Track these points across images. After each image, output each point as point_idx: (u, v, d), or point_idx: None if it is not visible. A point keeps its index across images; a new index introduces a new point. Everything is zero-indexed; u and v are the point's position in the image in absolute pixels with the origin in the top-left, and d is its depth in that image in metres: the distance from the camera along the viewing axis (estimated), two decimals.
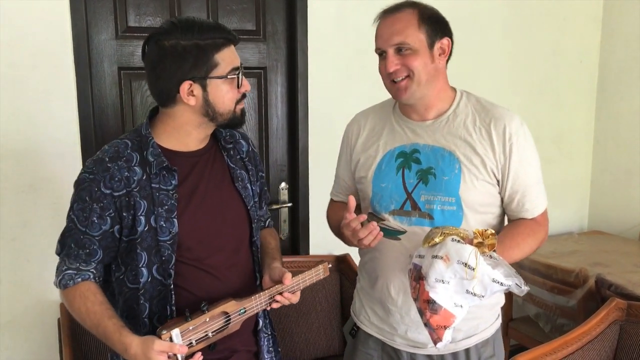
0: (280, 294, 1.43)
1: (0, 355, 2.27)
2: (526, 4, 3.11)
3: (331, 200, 1.84)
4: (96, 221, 1.35)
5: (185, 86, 1.34)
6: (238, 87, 1.39)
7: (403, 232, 1.52)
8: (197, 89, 1.35)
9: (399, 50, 1.46)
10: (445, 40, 1.49)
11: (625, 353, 2.15)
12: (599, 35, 3.40)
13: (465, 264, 1.28)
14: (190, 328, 1.30)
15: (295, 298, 1.46)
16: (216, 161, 1.50)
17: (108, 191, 1.34)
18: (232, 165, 1.52)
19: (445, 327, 1.32)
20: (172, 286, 1.39)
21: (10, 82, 2.13)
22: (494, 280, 1.28)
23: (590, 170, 3.54)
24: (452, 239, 1.32)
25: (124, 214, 1.35)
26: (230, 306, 1.36)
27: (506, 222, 1.62)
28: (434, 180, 1.50)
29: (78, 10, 2.20)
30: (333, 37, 2.67)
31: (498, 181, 1.51)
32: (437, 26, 1.48)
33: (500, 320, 1.66)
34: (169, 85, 1.35)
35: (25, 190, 2.21)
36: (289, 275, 1.43)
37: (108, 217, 1.35)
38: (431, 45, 1.47)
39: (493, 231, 1.33)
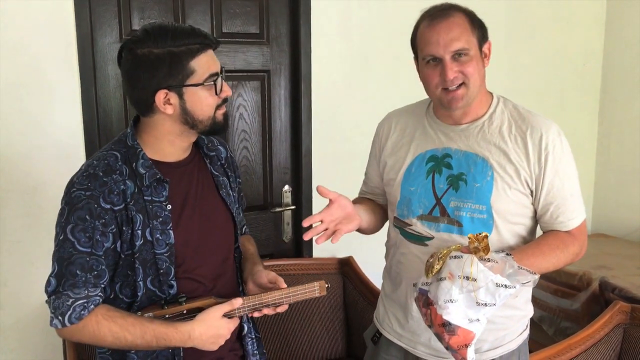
0: (268, 305, 1.40)
1: (5, 357, 2.28)
2: (529, 7, 3.11)
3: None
4: (99, 239, 1.30)
5: (160, 95, 1.30)
6: (217, 93, 1.34)
7: (430, 238, 1.49)
8: (173, 98, 1.31)
9: (456, 56, 1.40)
10: (488, 44, 1.47)
11: (629, 356, 2.14)
12: (602, 38, 3.40)
13: (467, 276, 1.26)
14: (166, 316, 1.31)
15: (282, 307, 1.43)
16: (201, 170, 1.48)
17: (108, 206, 1.29)
18: (215, 172, 1.50)
19: (466, 346, 1.28)
20: (170, 297, 1.38)
21: (15, 85, 2.14)
22: (498, 285, 1.25)
23: (593, 173, 3.54)
24: (451, 256, 1.31)
25: (124, 229, 1.32)
26: (209, 303, 1.35)
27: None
28: (465, 186, 1.46)
29: (82, 14, 2.20)
30: (336, 40, 2.67)
31: (532, 191, 1.46)
32: (482, 29, 1.45)
33: (528, 332, 1.62)
34: (144, 94, 1.31)
35: (29, 193, 2.22)
36: (282, 280, 1.41)
37: (110, 234, 1.31)
38: (481, 50, 1.44)
39: (487, 233, 1.30)
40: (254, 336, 1.59)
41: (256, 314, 1.42)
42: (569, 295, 2.68)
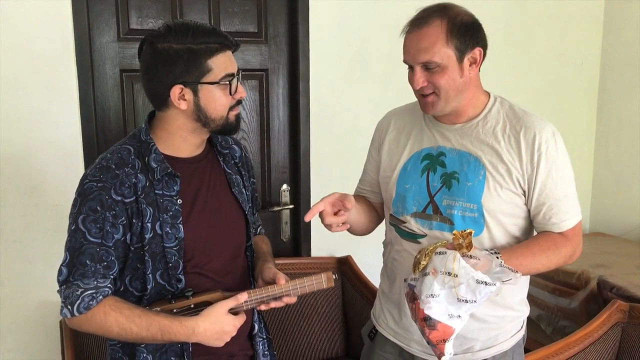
0: (275, 298, 1.41)
1: (3, 357, 2.28)
2: (528, 6, 3.11)
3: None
4: (109, 230, 1.32)
5: (176, 90, 1.33)
6: (231, 93, 1.37)
7: (423, 236, 1.51)
8: (188, 94, 1.34)
9: (426, 66, 1.41)
10: (476, 51, 1.43)
11: (627, 355, 2.15)
12: (601, 37, 3.40)
13: (449, 272, 1.27)
14: (174, 310, 1.31)
15: (289, 299, 1.43)
16: (214, 167, 1.50)
17: (119, 198, 1.32)
18: (228, 170, 1.52)
19: (444, 341, 1.29)
20: (178, 291, 1.38)
21: (12, 84, 2.14)
22: (478, 282, 1.26)
23: (591, 172, 3.54)
24: (436, 252, 1.32)
25: (134, 221, 1.34)
26: (216, 297, 1.35)
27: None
28: (457, 185, 1.47)
29: (80, 13, 2.20)
30: (334, 39, 2.67)
31: (524, 192, 1.46)
32: (467, 37, 1.40)
33: (523, 332, 1.62)
34: (160, 88, 1.34)
35: (27, 193, 2.22)
36: (282, 276, 1.41)
37: (120, 225, 1.33)
38: (461, 59, 1.41)
39: (472, 230, 1.31)
40: (264, 336, 1.60)
41: (263, 307, 1.42)
42: (567, 294, 2.68)
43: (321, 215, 1.46)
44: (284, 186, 2.73)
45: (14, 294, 2.25)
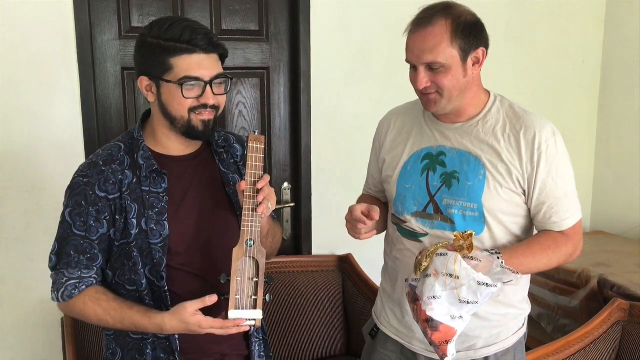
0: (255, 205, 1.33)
1: (4, 354, 2.28)
2: (529, 4, 3.11)
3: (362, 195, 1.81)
4: (93, 225, 1.36)
5: (143, 81, 1.37)
6: (184, 95, 1.32)
7: (425, 235, 1.51)
8: (153, 87, 1.37)
9: (429, 66, 1.40)
10: (480, 51, 1.42)
11: (627, 353, 2.15)
12: (602, 35, 3.40)
13: (450, 274, 1.28)
14: (238, 297, 1.31)
15: (267, 189, 1.34)
16: (208, 165, 1.49)
17: (103, 194, 1.36)
18: (223, 169, 1.51)
19: (447, 342, 1.30)
20: (165, 288, 1.39)
21: (14, 82, 2.14)
22: (480, 283, 1.26)
23: (592, 170, 3.54)
24: (437, 253, 1.32)
25: (117, 217, 1.37)
26: (238, 254, 1.32)
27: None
28: (457, 184, 1.47)
29: (82, 11, 2.20)
30: (336, 37, 2.67)
31: (524, 191, 1.46)
32: (471, 38, 1.40)
33: (524, 330, 1.62)
34: (137, 76, 1.39)
35: (28, 190, 2.22)
36: (242, 182, 1.34)
37: (104, 221, 1.37)
38: (464, 59, 1.40)
39: (472, 231, 1.31)
40: (260, 337, 1.58)
41: (261, 209, 1.33)
42: (568, 292, 2.68)
43: (353, 221, 1.47)
44: (285, 184, 2.73)
45: (15, 291, 2.25)
